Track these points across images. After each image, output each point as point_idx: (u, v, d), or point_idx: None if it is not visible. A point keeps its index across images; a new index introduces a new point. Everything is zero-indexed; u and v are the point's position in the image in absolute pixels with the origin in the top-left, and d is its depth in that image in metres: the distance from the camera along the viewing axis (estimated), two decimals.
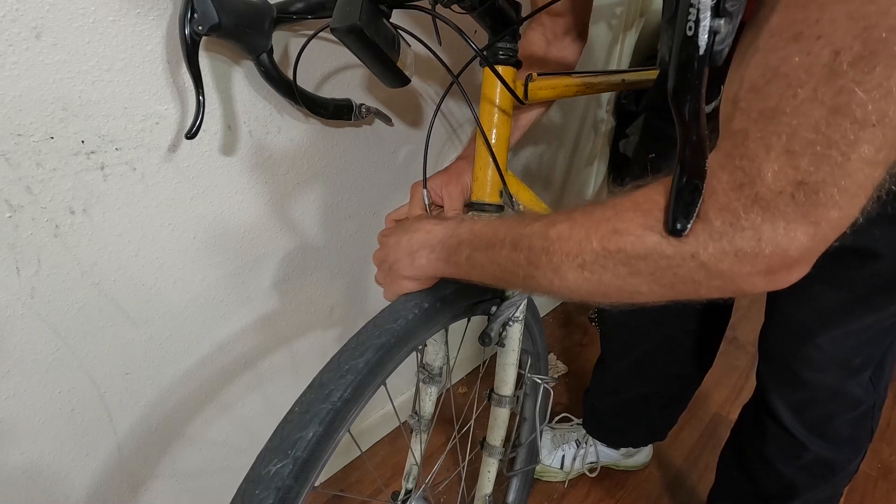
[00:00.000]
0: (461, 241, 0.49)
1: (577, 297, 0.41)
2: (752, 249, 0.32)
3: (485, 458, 0.77)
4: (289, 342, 0.90)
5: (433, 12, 0.53)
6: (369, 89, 0.80)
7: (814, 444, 0.77)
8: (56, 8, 0.48)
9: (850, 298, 0.65)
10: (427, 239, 0.52)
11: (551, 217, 0.42)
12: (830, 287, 0.65)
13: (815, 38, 0.29)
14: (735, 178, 0.32)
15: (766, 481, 0.85)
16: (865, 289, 0.63)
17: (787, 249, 0.32)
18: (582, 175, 1.58)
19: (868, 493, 1.17)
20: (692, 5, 0.27)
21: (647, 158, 0.80)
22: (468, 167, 0.66)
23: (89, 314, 0.62)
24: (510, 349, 0.69)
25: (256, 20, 0.58)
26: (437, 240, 0.52)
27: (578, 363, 1.51)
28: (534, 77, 0.69)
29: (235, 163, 0.68)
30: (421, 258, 0.52)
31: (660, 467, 1.20)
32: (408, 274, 0.54)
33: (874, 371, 0.73)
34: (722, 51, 0.28)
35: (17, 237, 0.54)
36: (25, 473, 0.64)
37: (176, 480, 0.82)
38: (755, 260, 0.32)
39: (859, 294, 0.64)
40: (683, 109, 0.31)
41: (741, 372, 1.51)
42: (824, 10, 0.28)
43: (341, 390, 0.45)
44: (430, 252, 0.52)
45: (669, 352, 0.95)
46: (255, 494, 0.40)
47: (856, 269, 0.62)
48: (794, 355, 0.72)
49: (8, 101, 0.49)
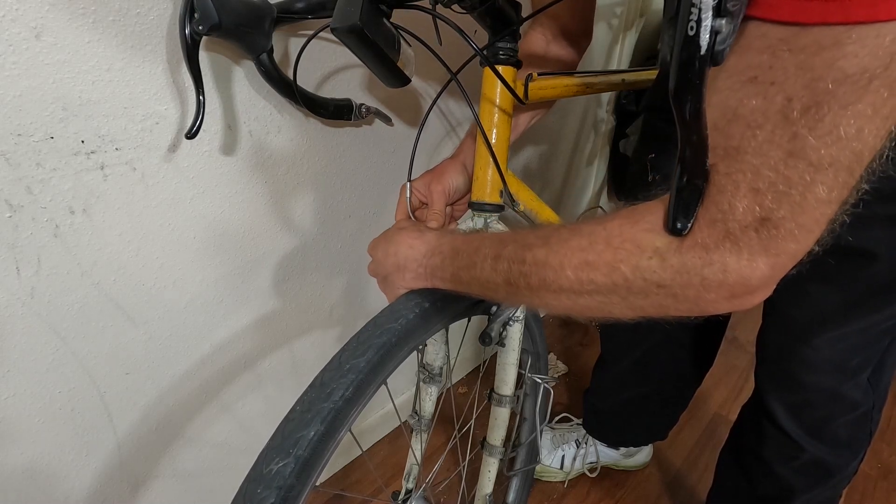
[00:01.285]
0: (444, 258, 0.52)
1: (559, 314, 0.44)
2: (717, 280, 0.35)
3: (485, 457, 0.77)
4: (289, 342, 0.90)
5: (433, 12, 0.53)
6: (369, 89, 0.80)
7: (811, 446, 0.77)
8: (56, 8, 0.48)
9: (848, 299, 0.65)
10: (410, 254, 0.54)
11: (528, 239, 0.44)
12: (828, 288, 0.65)
13: (769, 83, 0.31)
14: (709, 213, 0.34)
15: (763, 483, 0.85)
16: (863, 290, 0.63)
17: (749, 279, 0.34)
18: (582, 175, 1.58)
19: (868, 493, 1.17)
20: (694, 5, 0.27)
21: (647, 159, 0.80)
22: (453, 167, 0.66)
23: (89, 314, 0.62)
24: (510, 349, 0.69)
25: (257, 20, 0.58)
26: (420, 255, 0.54)
27: (578, 363, 1.51)
28: (534, 77, 0.69)
29: (235, 163, 0.68)
30: (409, 272, 0.55)
31: (660, 467, 1.20)
32: (403, 285, 0.56)
33: (873, 373, 0.72)
34: (723, 51, 0.28)
35: (17, 237, 0.54)
36: (25, 473, 0.64)
37: (176, 480, 0.82)
38: (720, 288, 0.35)
39: (857, 295, 0.64)
40: (684, 109, 0.31)
41: (741, 372, 1.51)
42: (776, 58, 0.30)
43: (342, 389, 0.46)
44: (417, 267, 0.54)
45: (671, 351, 0.95)
46: (256, 493, 0.40)
47: (854, 271, 0.62)
48: (791, 357, 0.72)
49: (8, 101, 0.49)
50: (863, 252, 0.60)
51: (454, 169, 0.66)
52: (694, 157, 0.33)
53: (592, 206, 1.66)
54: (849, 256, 0.60)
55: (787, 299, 0.70)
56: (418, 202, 0.67)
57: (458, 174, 0.66)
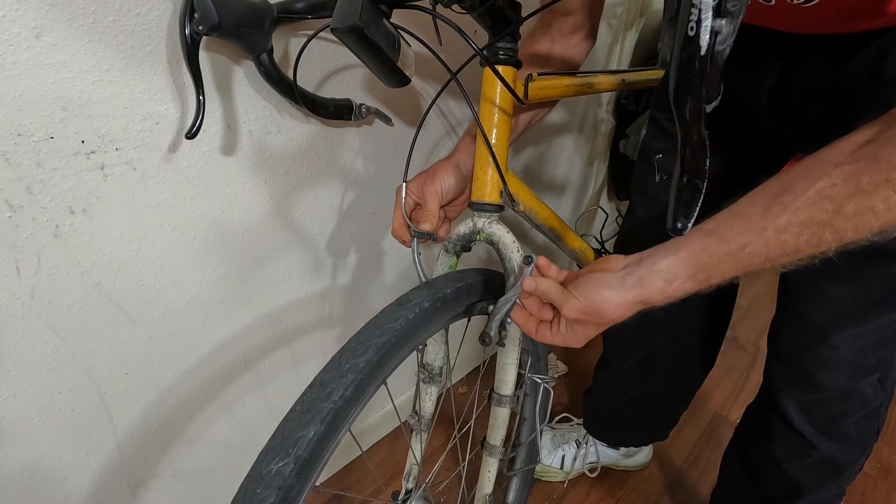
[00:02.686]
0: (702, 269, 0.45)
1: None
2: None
3: (485, 457, 0.77)
4: (289, 342, 0.90)
5: (433, 12, 0.53)
6: (369, 89, 0.80)
7: (823, 444, 0.76)
8: (56, 8, 0.48)
9: (866, 298, 0.64)
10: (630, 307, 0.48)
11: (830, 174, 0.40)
12: (846, 286, 0.64)
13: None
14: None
15: (772, 482, 0.84)
16: (881, 289, 0.63)
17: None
18: (582, 175, 1.58)
19: (868, 493, 1.17)
20: (694, 5, 0.27)
21: (654, 159, 0.80)
22: (445, 168, 0.66)
23: (89, 314, 0.62)
24: (510, 349, 0.69)
25: (257, 20, 0.58)
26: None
27: (578, 363, 1.51)
28: (534, 77, 0.69)
29: (235, 163, 0.68)
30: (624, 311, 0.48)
31: (660, 467, 1.20)
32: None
33: (882, 371, 0.72)
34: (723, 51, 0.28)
35: (17, 237, 0.54)
36: (25, 473, 0.64)
37: (176, 480, 0.82)
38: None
39: (875, 294, 0.64)
40: (685, 109, 0.31)
41: (741, 372, 1.51)
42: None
43: (342, 389, 0.46)
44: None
45: (674, 351, 0.95)
46: (256, 493, 0.40)
47: (872, 269, 0.61)
48: (808, 355, 0.72)
49: (8, 101, 0.49)
50: (881, 250, 0.59)
51: (446, 170, 0.65)
52: (694, 157, 0.33)
53: (592, 206, 1.66)
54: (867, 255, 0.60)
55: (804, 298, 0.70)
56: (413, 203, 0.67)
57: (451, 175, 0.65)
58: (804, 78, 0.61)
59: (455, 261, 0.66)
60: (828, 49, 0.58)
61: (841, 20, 0.54)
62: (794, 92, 0.63)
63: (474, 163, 0.62)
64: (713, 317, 0.93)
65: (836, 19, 0.54)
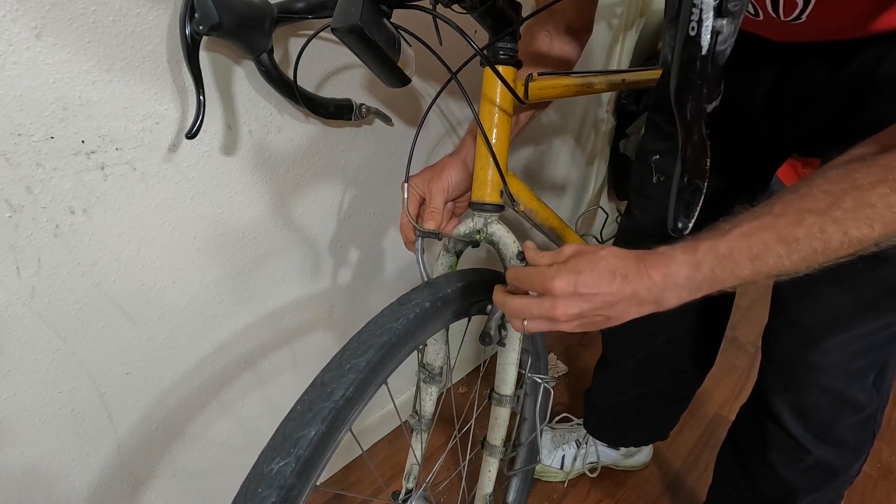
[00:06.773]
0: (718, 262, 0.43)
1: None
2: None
3: (485, 457, 0.77)
4: (289, 342, 0.90)
5: (434, 12, 0.53)
6: (369, 89, 0.80)
7: (816, 448, 0.76)
8: (56, 8, 0.48)
9: (858, 302, 0.64)
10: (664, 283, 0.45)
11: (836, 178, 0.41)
12: (838, 289, 0.64)
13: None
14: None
15: (766, 485, 0.84)
16: (873, 292, 0.63)
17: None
18: (582, 175, 1.58)
19: (868, 493, 1.17)
20: (695, 5, 0.27)
21: (652, 160, 0.80)
22: (453, 163, 0.66)
23: (89, 314, 0.62)
24: (510, 348, 0.69)
25: (257, 20, 0.58)
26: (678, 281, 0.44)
27: (578, 363, 1.51)
28: (534, 77, 0.69)
29: (235, 163, 0.68)
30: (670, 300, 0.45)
31: (660, 467, 1.20)
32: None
33: (877, 375, 0.72)
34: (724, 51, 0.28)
35: (17, 237, 0.54)
36: (25, 473, 0.64)
37: (176, 480, 0.82)
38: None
39: (867, 298, 0.63)
40: (685, 109, 0.31)
41: (741, 372, 1.51)
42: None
43: (343, 389, 0.46)
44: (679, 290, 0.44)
45: (673, 351, 0.95)
46: (257, 492, 0.40)
47: (864, 272, 0.61)
48: (800, 359, 0.71)
49: (8, 101, 0.49)
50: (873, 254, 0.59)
51: (454, 165, 0.65)
52: (695, 157, 0.33)
53: (592, 205, 1.66)
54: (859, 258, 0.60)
55: (797, 301, 0.70)
56: (419, 198, 0.67)
57: (458, 171, 0.65)
58: (800, 82, 0.61)
59: (455, 260, 0.66)
60: (822, 54, 0.58)
61: (828, 34, 0.54)
62: (790, 95, 0.63)
63: (475, 162, 0.62)
64: (712, 317, 0.93)
65: (823, 33, 0.54)
